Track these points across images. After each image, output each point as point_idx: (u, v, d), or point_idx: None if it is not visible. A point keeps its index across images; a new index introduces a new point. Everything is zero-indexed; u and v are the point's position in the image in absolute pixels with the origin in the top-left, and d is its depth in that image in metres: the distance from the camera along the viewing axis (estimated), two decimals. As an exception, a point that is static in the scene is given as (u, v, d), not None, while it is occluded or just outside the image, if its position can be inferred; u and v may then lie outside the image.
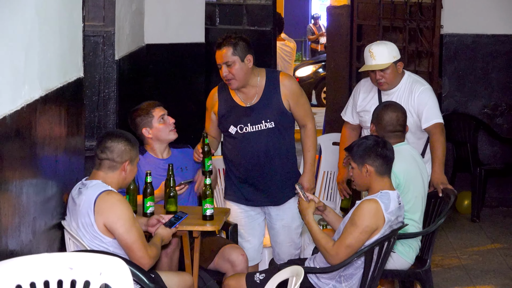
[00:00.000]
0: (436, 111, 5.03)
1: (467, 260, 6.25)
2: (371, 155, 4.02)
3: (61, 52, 4.05)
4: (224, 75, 4.54)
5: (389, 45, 5.06)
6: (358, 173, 4.07)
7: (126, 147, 3.86)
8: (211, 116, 4.75)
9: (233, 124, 4.64)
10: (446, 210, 4.64)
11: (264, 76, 4.66)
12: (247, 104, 4.64)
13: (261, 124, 4.62)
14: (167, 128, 4.74)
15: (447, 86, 7.59)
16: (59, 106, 3.97)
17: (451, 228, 6.97)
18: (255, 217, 4.81)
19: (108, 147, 3.85)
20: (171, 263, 4.50)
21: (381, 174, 4.02)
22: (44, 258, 2.97)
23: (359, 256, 3.97)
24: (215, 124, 4.76)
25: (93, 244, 3.74)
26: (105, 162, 3.85)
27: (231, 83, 4.56)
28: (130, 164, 3.88)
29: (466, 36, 7.58)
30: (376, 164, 4.02)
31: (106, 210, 3.70)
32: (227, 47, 4.52)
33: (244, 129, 4.64)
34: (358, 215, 3.94)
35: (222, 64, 4.54)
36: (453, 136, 7.54)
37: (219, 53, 4.55)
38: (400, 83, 5.07)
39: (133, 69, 6.37)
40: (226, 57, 4.52)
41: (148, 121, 4.74)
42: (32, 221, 3.55)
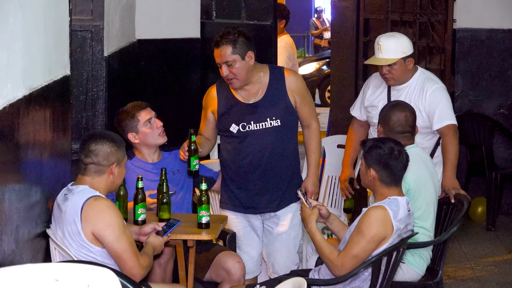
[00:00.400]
0: (450, 112, 5.05)
1: (482, 272, 6.25)
2: (380, 164, 4.03)
3: (46, 48, 4.05)
4: (225, 75, 4.54)
5: (399, 39, 5.05)
6: (363, 171, 4.12)
7: (111, 149, 3.86)
8: (208, 115, 4.74)
9: (234, 123, 4.63)
10: (459, 217, 4.64)
11: (267, 71, 4.67)
12: (250, 100, 4.63)
13: (266, 121, 4.62)
14: (154, 132, 4.71)
15: (460, 84, 7.59)
16: (44, 106, 3.97)
17: (465, 237, 6.97)
18: (253, 226, 4.80)
19: (93, 150, 3.84)
20: (165, 274, 4.50)
21: (386, 184, 4.03)
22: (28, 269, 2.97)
23: (366, 267, 3.96)
24: (212, 125, 4.75)
25: (81, 254, 3.73)
26: (91, 167, 3.84)
27: (233, 82, 4.56)
28: (118, 166, 3.87)
29: (480, 31, 7.58)
30: (381, 174, 4.03)
31: (94, 217, 3.70)
32: (226, 46, 4.50)
33: (247, 127, 4.63)
34: (365, 223, 3.94)
35: (221, 64, 4.53)
36: (466, 138, 7.54)
37: (217, 52, 4.54)
38: (411, 79, 5.08)
39: (123, 67, 6.37)
40: (226, 56, 4.51)
41: (133, 126, 4.71)
42: (15, 230, 3.54)
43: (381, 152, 4.04)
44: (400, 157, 4.05)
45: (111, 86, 5.86)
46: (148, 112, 4.74)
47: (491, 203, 7.24)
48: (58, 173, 4.24)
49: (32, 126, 3.77)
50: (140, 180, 4.33)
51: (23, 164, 3.67)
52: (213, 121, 4.74)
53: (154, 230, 4.05)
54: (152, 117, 4.73)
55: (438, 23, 7.24)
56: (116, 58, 6.07)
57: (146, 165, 4.75)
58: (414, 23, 7.39)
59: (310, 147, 4.76)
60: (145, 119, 4.70)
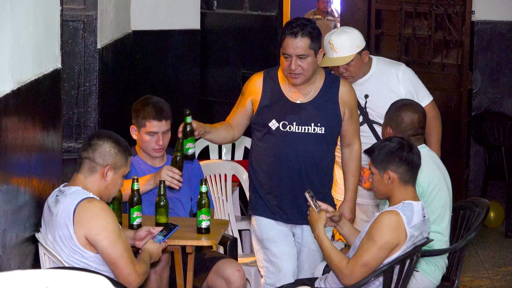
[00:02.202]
0: (425, 89, 5.26)
1: (501, 282, 6.26)
2: (395, 160, 4.02)
3: (35, 40, 4.06)
4: (293, 68, 4.40)
5: (350, 34, 5.09)
6: (379, 180, 4.06)
7: (111, 149, 3.85)
8: (245, 104, 4.58)
9: (275, 118, 4.49)
10: (478, 223, 4.65)
11: (323, 75, 4.56)
12: (298, 100, 4.52)
13: (310, 126, 4.49)
14: (150, 144, 4.70)
15: (478, 81, 7.60)
16: (33, 102, 3.98)
17: (482, 244, 6.98)
18: (287, 233, 4.60)
19: (92, 144, 3.85)
20: (161, 282, 4.51)
21: (405, 182, 4.02)
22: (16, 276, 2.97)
23: (377, 276, 3.97)
24: (245, 115, 4.60)
25: (73, 259, 3.74)
26: (85, 162, 3.84)
27: (298, 78, 4.43)
28: (113, 171, 3.84)
29: (501, 24, 7.59)
30: (400, 171, 4.01)
31: (87, 221, 3.70)
32: (306, 38, 4.37)
33: (288, 128, 4.50)
34: (377, 229, 3.95)
35: (293, 56, 4.39)
36: (485, 138, 7.55)
37: (292, 43, 4.38)
38: (370, 70, 5.15)
39: (117, 59, 6.39)
40: (302, 48, 4.38)
41: (138, 124, 4.73)
42: (2, 234, 3.55)
43: (392, 147, 4.04)
44: (413, 148, 4.06)
45: (104, 80, 5.87)
46: (159, 127, 4.66)
47: (511, 209, 7.24)
48: (48, 174, 4.25)
49: (21, 123, 3.78)
50: (136, 182, 4.34)
51: (10, 163, 3.68)
52: (249, 111, 4.59)
53: (149, 234, 4.05)
54: (158, 132, 4.67)
55: (455, 14, 7.25)
56: (110, 50, 6.09)
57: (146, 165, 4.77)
58: (430, 14, 7.40)
59: (349, 169, 4.62)
60: (149, 129, 4.68)
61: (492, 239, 7.20)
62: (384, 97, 5.02)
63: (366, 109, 5.14)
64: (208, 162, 5.73)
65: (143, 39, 7.10)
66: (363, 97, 5.14)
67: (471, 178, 7.68)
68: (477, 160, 7.68)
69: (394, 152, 4.03)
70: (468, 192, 7.50)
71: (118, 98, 6.48)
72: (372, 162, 4.09)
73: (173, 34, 7.33)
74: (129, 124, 6.71)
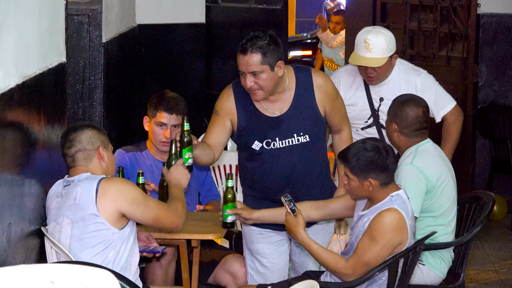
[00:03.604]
0: (446, 94, 5.26)
1: (507, 275, 6.25)
2: (376, 168, 3.94)
3: (40, 34, 4.05)
4: (249, 86, 4.19)
5: (388, 36, 5.05)
6: (357, 185, 3.98)
7: (92, 132, 3.93)
8: (224, 123, 4.33)
9: (257, 139, 4.29)
10: (483, 217, 4.64)
11: (293, 77, 4.32)
12: (275, 113, 4.30)
13: (293, 138, 4.30)
14: (158, 136, 4.73)
15: (484, 74, 7.58)
16: (38, 96, 3.98)
17: (488, 238, 6.97)
18: (279, 244, 4.49)
19: (74, 138, 3.90)
20: (166, 276, 4.51)
21: (385, 185, 3.99)
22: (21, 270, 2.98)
23: (381, 270, 3.96)
24: (225, 135, 4.36)
25: (95, 238, 3.77)
26: (78, 155, 3.89)
27: (257, 94, 4.22)
28: (105, 149, 3.94)
29: (506, 16, 7.57)
30: (381, 177, 3.95)
31: (116, 197, 3.78)
32: (255, 54, 4.15)
33: (272, 145, 4.29)
34: (378, 230, 3.89)
35: (246, 73, 4.19)
36: (491, 131, 7.53)
37: (243, 60, 4.19)
38: (391, 73, 5.09)
39: (122, 53, 6.38)
40: (253, 65, 4.16)
41: (151, 115, 4.78)
42: (7, 228, 3.55)
43: (370, 155, 3.94)
44: (390, 151, 4.01)
45: (109, 74, 5.86)
46: (169, 119, 4.71)
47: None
48: (54, 168, 4.25)
49: (25, 117, 3.78)
50: (141, 176, 4.34)
51: (16, 158, 3.68)
52: (228, 131, 4.36)
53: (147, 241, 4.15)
54: (167, 124, 4.70)
55: (461, 7, 7.22)
56: (115, 44, 6.08)
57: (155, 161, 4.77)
58: (435, 7, 7.37)
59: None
60: (159, 120, 4.72)
61: (498, 232, 7.19)
62: None
63: (378, 111, 5.10)
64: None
65: (148, 33, 7.09)
66: (378, 100, 5.10)
67: (477, 172, 7.67)
68: (482, 154, 7.66)
69: (374, 162, 3.93)
70: (474, 186, 7.48)
71: (123, 92, 6.48)
72: (350, 170, 3.97)
73: (178, 27, 7.32)
74: (134, 117, 6.73)
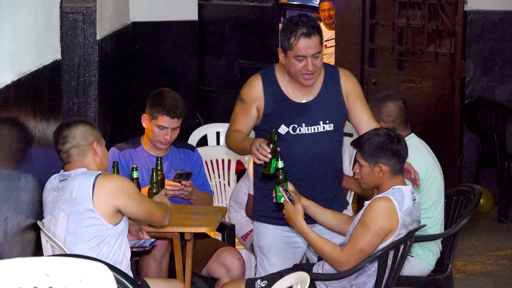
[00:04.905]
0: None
1: (493, 266, 6.26)
2: (387, 153, 3.98)
3: (35, 31, 4.04)
4: (311, 69, 4.16)
5: None
6: (369, 172, 4.01)
7: (85, 128, 3.93)
8: (250, 111, 4.29)
9: (284, 124, 4.25)
10: (470, 209, 4.66)
11: (322, 69, 4.30)
12: (302, 100, 4.28)
13: (319, 125, 4.27)
14: (157, 137, 4.73)
15: (471, 69, 7.59)
16: (33, 93, 3.97)
17: (475, 230, 6.98)
18: (293, 245, 4.37)
19: (67, 135, 3.90)
20: (160, 269, 4.51)
21: (395, 173, 4.01)
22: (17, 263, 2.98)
23: (372, 262, 3.97)
24: (253, 122, 4.31)
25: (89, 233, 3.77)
26: (73, 151, 3.90)
27: (312, 78, 4.20)
28: (99, 144, 3.95)
29: (493, 13, 7.57)
30: (391, 163, 3.99)
31: (113, 193, 3.78)
32: (318, 35, 4.15)
33: (298, 130, 4.26)
34: (370, 217, 3.94)
35: (308, 57, 4.15)
36: (478, 126, 7.55)
37: (308, 43, 4.13)
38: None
39: (117, 50, 6.37)
40: (316, 47, 4.14)
41: (151, 115, 4.74)
42: (3, 222, 3.55)
43: (381, 140, 3.99)
44: (401, 140, 4.04)
45: (104, 71, 5.86)
46: (170, 123, 4.69)
47: (503, 195, 7.25)
48: (49, 163, 4.25)
49: (21, 113, 3.78)
50: (135, 170, 4.34)
51: (12, 153, 3.68)
52: (255, 118, 4.31)
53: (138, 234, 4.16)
54: (168, 127, 4.70)
55: (448, 4, 7.23)
56: (110, 41, 6.07)
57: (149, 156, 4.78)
58: (423, 4, 7.38)
59: None
60: (160, 123, 4.71)
61: (485, 224, 7.20)
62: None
63: None
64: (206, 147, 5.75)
65: (142, 30, 7.08)
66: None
67: (464, 165, 7.68)
68: (470, 147, 7.68)
69: (385, 146, 3.98)
70: (461, 179, 7.50)
71: (117, 88, 6.47)
72: (361, 155, 4.01)
73: (171, 25, 7.31)
74: (128, 113, 6.73)
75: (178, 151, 4.88)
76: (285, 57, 4.22)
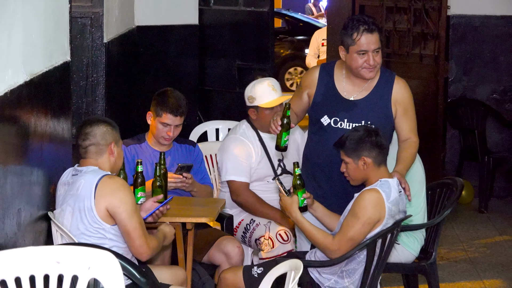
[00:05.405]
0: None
1: (474, 253, 6.27)
2: (367, 145, 3.98)
3: (46, 35, 4.03)
4: (373, 64, 4.16)
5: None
6: (354, 167, 4.01)
7: (107, 129, 3.90)
8: (302, 95, 4.35)
9: (327, 115, 4.25)
10: (453, 200, 4.65)
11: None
12: (351, 97, 4.27)
13: (361, 124, 4.22)
14: (161, 133, 4.72)
15: (454, 70, 7.59)
16: (44, 92, 3.96)
17: (458, 220, 6.98)
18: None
19: (89, 132, 3.88)
20: (163, 257, 4.51)
21: (378, 164, 4.01)
22: (29, 251, 2.97)
23: (361, 249, 3.97)
24: (303, 106, 4.37)
25: (91, 230, 3.75)
26: (91, 148, 3.87)
27: (373, 71, 4.20)
28: (116, 145, 3.92)
29: (474, 18, 7.57)
30: (373, 155, 3.99)
31: (109, 194, 3.73)
32: (378, 32, 4.18)
33: (339, 124, 4.26)
34: (360, 207, 3.94)
35: (369, 51, 4.17)
36: (460, 123, 7.55)
37: (371, 38, 4.16)
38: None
39: (122, 53, 6.36)
40: (377, 43, 4.17)
41: (156, 113, 4.73)
42: (17, 213, 3.54)
43: (361, 135, 3.99)
44: (379, 132, 4.03)
45: (110, 72, 5.85)
46: (173, 120, 4.69)
47: (483, 187, 7.25)
48: (59, 157, 4.24)
49: (33, 111, 3.77)
50: (140, 165, 4.34)
51: (24, 148, 3.67)
52: (305, 103, 4.37)
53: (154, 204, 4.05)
54: (171, 125, 4.69)
55: (432, 9, 7.22)
56: (116, 44, 6.06)
57: (153, 151, 4.77)
58: (409, 9, 7.37)
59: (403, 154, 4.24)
60: (164, 121, 4.70)
61: (466, 214, 7.20)
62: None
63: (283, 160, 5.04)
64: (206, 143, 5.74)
65: (146, 33, 7.07)
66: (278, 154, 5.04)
67: (447, 159, 7.69)
68: (452, 143, 7.68)
69: (364, 139, 3.97)
70: (444, 172, 7.50)
71: (123, 88, 6.46)
72: (345, 153, 4.01)
73: (173, 29, 7.30)
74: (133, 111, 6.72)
75: (180, 147, 4.89)
76: (346, 53, 4.24)
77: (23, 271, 2.90)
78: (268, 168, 4.99)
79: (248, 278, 4.08)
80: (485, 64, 7.58)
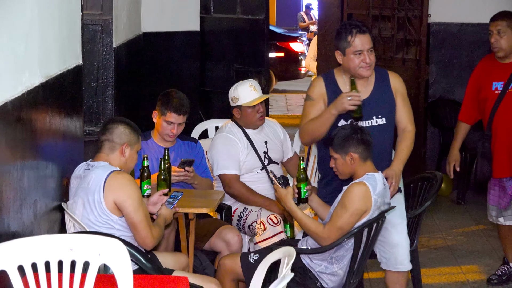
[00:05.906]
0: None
1: (453, 241, 6.28)
2: (353, 142, 3.99)
3: (60, 40, 4.03)
4: (368, 62, 4.16)
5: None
6: (342, 162, 4.02)
7: (125, 130, 3.88)
8: (319, 105, 4.24)
9: (343, 118, 4.20)
10: (433, 192, 4.66)
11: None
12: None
13: (372, 119, 4.23)
14: (165, 130, 4.73)
15: (434, 73, 7.59)
16: (58, 93, 3.96)
17: (437, 210, 6.99)
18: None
19: (108, 128, 3.87)
20: (167, 244, 4.51)
21: (364, 159, 4.01)
22: (45, 239, 2.97)
23: (349, 238, 3.97)
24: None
25: (100, 221, 3.75)
26: (105, 143, 3.86)
27: (370, 69, 4.21)
28: (129, 147, 3.88)
29: (452, 25, 7.58)
30: (359, 150, 4.00)
31: (117, 189, 3.71)
32: (369, 33, 4.20)
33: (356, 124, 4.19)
34: (348, 198, 3.94)
35: (364, 51, 4.18)
36: (439, 122, 7.55)
37: (364, 38, 4.18)
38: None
39: (130, 57, 6.36)
40: (371, 42, 4.19)
41: (161, 112, 4.73)
42: (33, 204, 3.54)
43: (347, 132, 4.00)
44: (364, 129, 4.04)
45: (119, 74, 5.85)
46: (176, 119, 4.69)
47: (461, 180, 7.26)
48: (72, 153, 4.24)
49: (48, 110, 3.77)
50: (146, 159, 4.34)
51: (40, 145, 3.67)
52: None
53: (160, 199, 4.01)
54: (175, 123, 4.69)
55: (414, 17, 7.23)
56: (124, 49, 6.06)
57: (159, 147, 4.77)
58: (393, 17, 7.38)
59: (401, 145, 4.27)
60: (168, 119, 4.70)
61: (445, 205, 7.21)
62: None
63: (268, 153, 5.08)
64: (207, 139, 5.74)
65: (151, 39, 7.06)
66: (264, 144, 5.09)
67: (428, 155, 7.69)
68: (432, 140, 7.69)
69: (351, 136, 3.98)
70: (425, 167, 7.51)
71: (131, 89, 6.46)
72: (333, 149, 4.02)
73: (176, 35, 7.30)
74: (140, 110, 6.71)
75: (183, 143, 4.89)
76: (343, 56, 4.23)
77: (39, 257, 2.90)
78: (255, 160, 5.02)
79: (245, 264, 4.08)
80: (463, 67, 7.59)
